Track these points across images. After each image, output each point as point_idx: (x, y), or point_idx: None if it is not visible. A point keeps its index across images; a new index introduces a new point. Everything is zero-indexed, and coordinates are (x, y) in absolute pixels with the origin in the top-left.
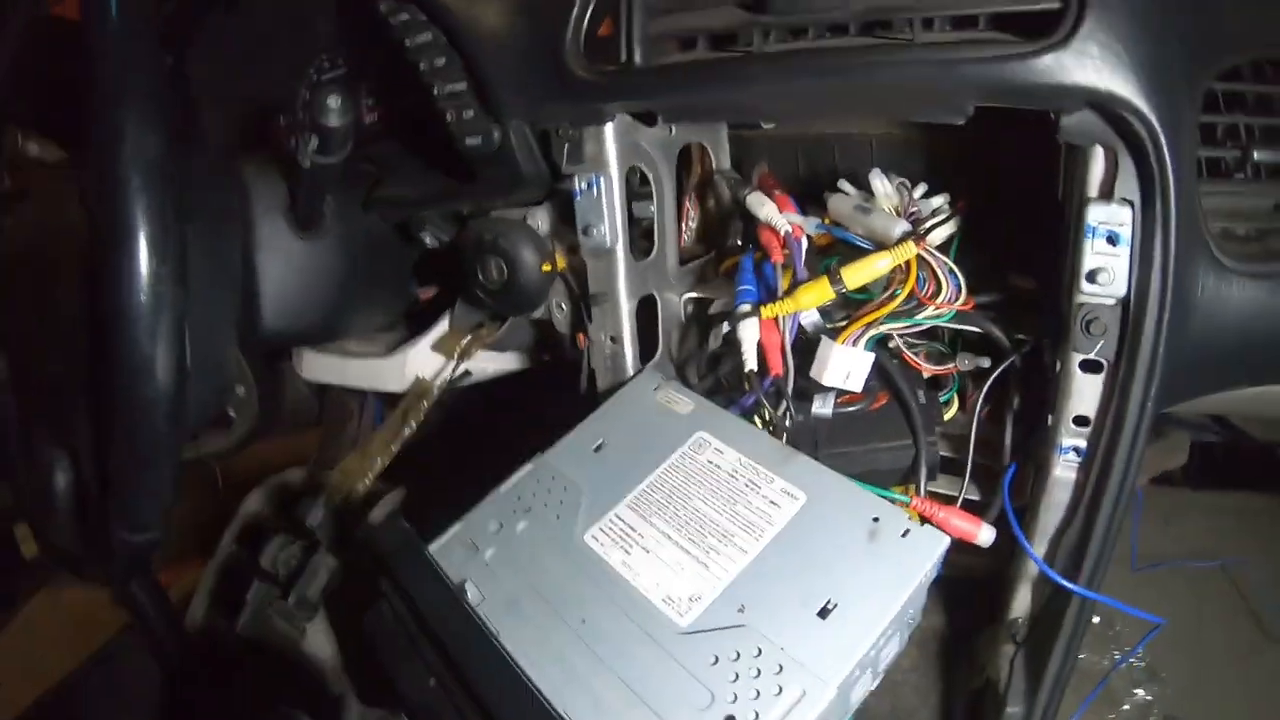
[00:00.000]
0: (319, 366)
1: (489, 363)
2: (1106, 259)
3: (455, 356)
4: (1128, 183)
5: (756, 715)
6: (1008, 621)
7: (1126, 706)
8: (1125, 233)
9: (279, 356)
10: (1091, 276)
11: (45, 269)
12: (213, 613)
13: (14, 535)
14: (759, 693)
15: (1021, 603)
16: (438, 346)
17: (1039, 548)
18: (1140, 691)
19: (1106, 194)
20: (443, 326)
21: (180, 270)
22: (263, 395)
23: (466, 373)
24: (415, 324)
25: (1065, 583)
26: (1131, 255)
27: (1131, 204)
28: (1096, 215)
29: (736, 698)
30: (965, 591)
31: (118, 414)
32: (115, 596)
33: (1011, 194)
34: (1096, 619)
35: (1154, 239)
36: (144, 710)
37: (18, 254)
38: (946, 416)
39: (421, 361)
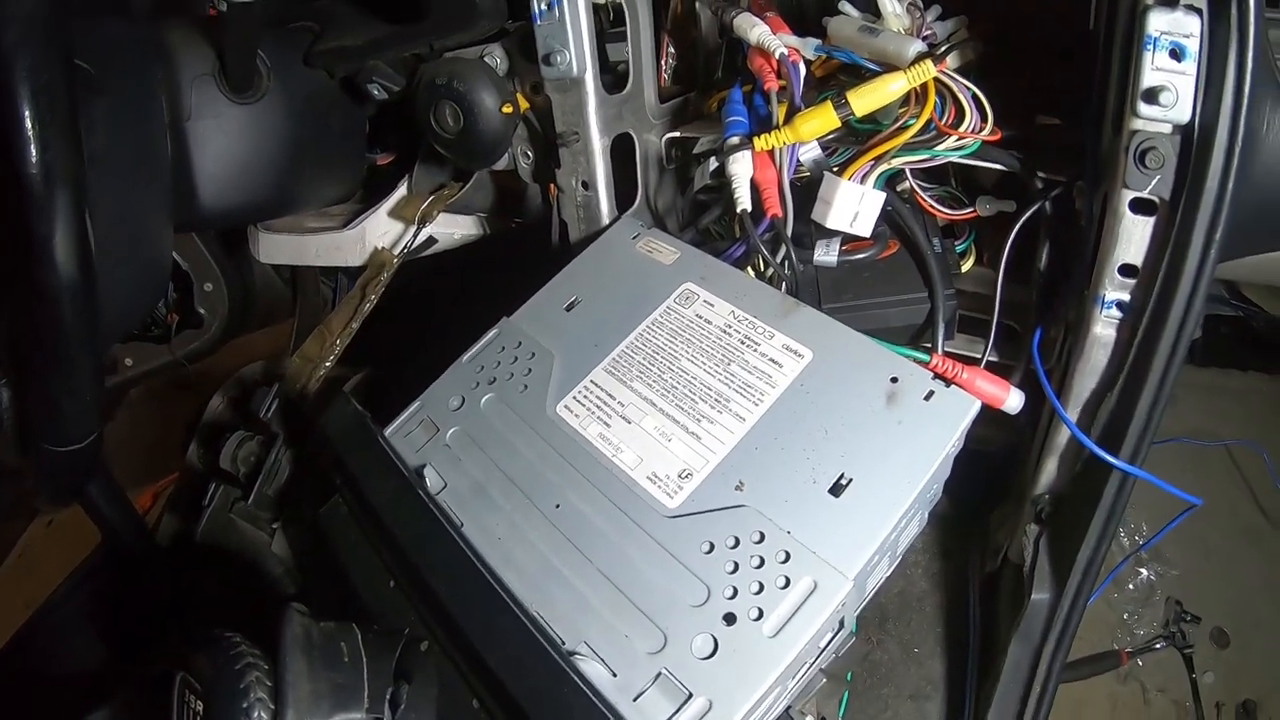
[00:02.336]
0: (275, 248)
1: (454, 228)
2: (1169, 76)
3: (415, 222)
4: None
5: (760, 613)
6: (1032, 498)
7: (1131, 586)
8: (1192, 46)
9: (241, 245)
10: (1150, 96)
11: None
12: (177, 521)
13: None
14: (762, 586)
15: (1047, 478)
16: (396, 212)
17: (1072, 416)
18: (1145, 572)
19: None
20: (401, 192)
21: (73, 139)
22: (231, 289)
23: (431, 240)
24: (375, 194)
25: (1108, 456)
26: (1199, 72)
27: (1200, 12)
28: (1158, 24)
29: (736, 592)
30: (974, 466)
31: (20, 308)
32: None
33: (1034, 20)
34: None
35: (1228, 54)
36: (116, 625)
37: None
38: (964, 268)
39: (381, 230)
